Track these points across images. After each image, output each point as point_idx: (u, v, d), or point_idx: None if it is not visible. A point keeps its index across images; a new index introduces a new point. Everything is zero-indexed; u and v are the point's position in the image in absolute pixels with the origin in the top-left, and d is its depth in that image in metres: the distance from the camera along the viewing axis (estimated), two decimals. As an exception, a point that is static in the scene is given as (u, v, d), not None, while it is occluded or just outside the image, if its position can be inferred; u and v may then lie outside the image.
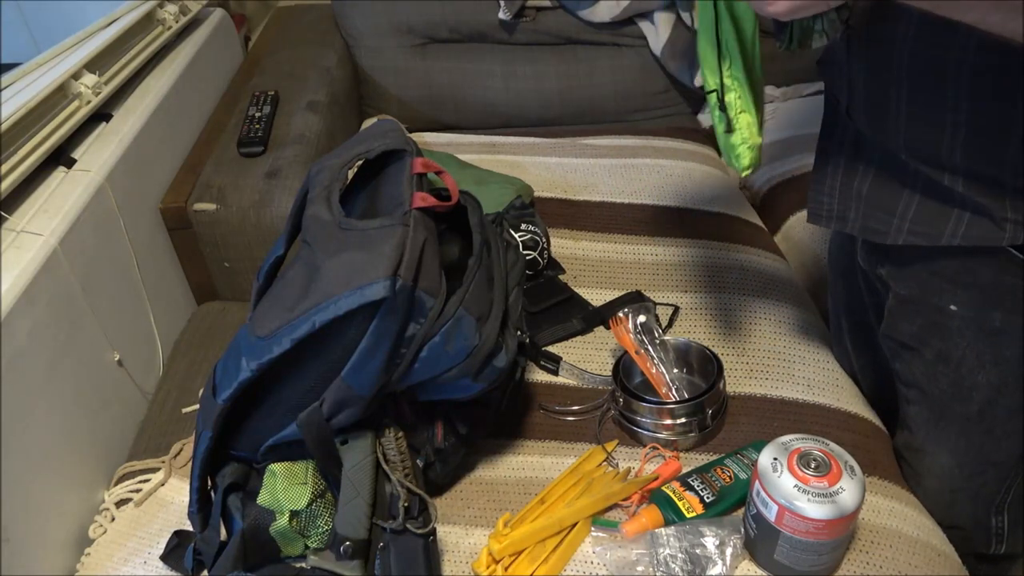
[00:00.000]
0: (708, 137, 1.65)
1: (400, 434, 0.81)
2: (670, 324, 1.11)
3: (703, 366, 1.01)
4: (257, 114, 1.38)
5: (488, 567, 0.82)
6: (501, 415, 0.95)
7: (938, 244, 0.75)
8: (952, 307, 0.79)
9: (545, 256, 1.19)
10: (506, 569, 0.81)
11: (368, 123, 1.67)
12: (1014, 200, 0.70)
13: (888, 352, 0.91)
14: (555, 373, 1.06)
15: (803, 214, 1.40)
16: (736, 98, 0.80)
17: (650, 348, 1.00)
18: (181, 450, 1.01)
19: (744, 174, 0.83)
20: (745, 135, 0.80)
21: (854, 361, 1.07)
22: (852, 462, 0.76)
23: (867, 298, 0.95)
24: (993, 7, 0.56)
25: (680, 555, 0.79)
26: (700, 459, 0.93)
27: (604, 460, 0.94)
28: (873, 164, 0.79)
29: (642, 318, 1.01)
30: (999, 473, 0.88)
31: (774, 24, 0.70)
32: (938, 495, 0.92)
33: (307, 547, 0.78)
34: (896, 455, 0.97)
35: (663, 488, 0.87)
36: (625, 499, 0.88)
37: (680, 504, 0.84)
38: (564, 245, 1.27)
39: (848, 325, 1.07)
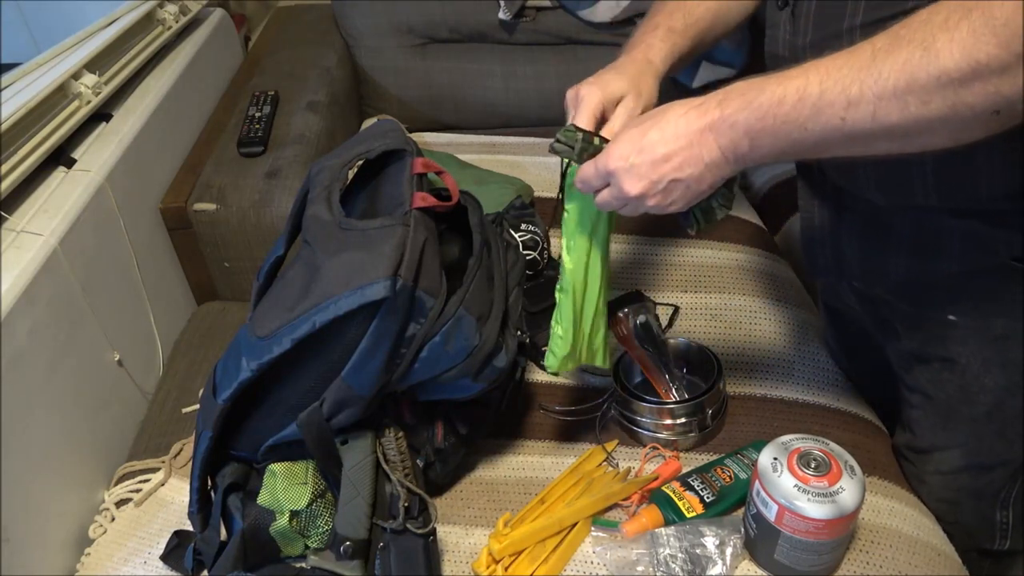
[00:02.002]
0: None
1: (400, 434, 0.81)
2: (670, 324, 1.11)
3: (703, 366, 1.01)
4: (257, 114, 1.38)
5: (488, 567, 0.82)
6: (501, 415, 0.94)
7: (939, 274, 0.76)
8: (952, 317, 0.79)
9: (545, 256, 1.19)
10: (506, 569, 0.81)
11: (368, 123, 1.67)
12: (1000, 220, 0.70)
13: (893, 360, 0.91)
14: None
15: (803, 214, 1.40)
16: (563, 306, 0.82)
17: (650, 348, 1.00)
18: (181, 450, 1.01)
19: (549, 369, 0.85)
20: (558, 337, 0.83)
21: (844, 362, 1.07)
22: (852, 462, 0.76)
23: (860, 307, 0.94)
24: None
25: (680, 555, 0.79)
26: (700, 459, 0.93)
27: (604, 460, 0.94)
28: (858, 213, 0.80)
29: (642, 318, 1.01)
30: (1007, 470, 0.88)
31: (679, 215, 0.74)
32: (942, 493, 0.92)
33: (307, 547, 0.78)
34: (896, 454, 0.97)
35: (663, 488, 0.87)
36: (625, 499, 0.88)
37: (680, 504, 0.84)
38: (564, 245, 1.27)
39: (836, 333, 1.07)
